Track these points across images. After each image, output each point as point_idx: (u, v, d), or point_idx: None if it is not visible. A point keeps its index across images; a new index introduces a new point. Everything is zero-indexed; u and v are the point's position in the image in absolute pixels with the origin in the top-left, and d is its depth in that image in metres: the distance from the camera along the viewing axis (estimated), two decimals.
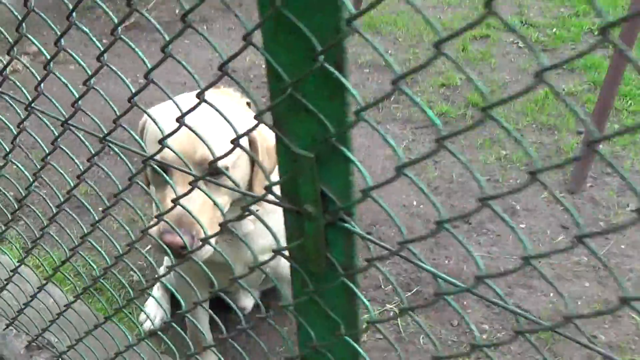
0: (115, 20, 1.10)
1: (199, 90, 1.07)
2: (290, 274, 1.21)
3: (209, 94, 1.89)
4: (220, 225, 1.21)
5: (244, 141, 1.77)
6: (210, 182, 1.27)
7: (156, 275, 2.30)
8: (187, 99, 1.79)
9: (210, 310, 1.59)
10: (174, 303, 2.76)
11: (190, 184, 1.21)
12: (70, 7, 1.16)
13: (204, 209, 1.61)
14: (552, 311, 2.67)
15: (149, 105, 1.69)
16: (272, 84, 1.00)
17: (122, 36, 1.12)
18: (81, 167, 1.41)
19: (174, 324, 1.55)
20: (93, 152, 1.35)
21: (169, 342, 1.67)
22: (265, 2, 0.93)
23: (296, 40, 0.92)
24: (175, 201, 1.25)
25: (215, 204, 1.25)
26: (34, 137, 1.45)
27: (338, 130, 0.96)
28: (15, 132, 1.50)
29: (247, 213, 1.90)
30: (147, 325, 2.67)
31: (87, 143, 1.36)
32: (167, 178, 1.31)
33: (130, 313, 2.68)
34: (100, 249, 1.58)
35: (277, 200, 1.11)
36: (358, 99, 0.90)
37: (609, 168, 3.52)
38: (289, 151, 1.04)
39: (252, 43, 0.94)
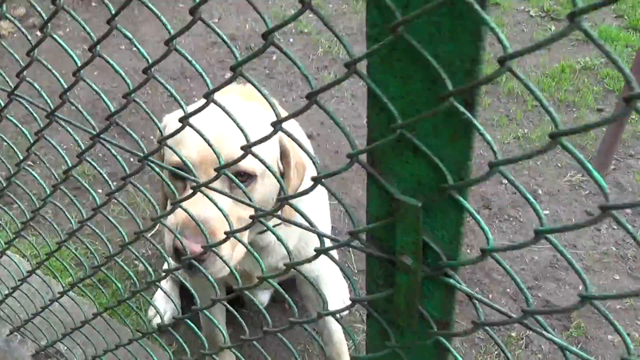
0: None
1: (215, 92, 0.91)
2: (367, 322, 1.06)
3: (236, 98, 1.71)
4: (286, 266, 1.04)
5: (276, 150, 1.59)
6: (229, 177, 1.06)
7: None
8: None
9: (229, 306, 1.41)
10: (185, 295, 2.60)
11: (215, 169, 1.02)
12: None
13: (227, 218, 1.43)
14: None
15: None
16: (373, 117, 0.82)
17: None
18: (112, 185, 1.23)
19: (188, 321, 1.37)
20: (128, 172, 1.17)
21: (181, 340, 1.50)
22: (376, 20, 0.75)
23: (415, 70, 0.75)
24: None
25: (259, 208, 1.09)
26: (57, 149, 1.26)
27: (458, 178, 0.79)
28: (31, 140, 1.30)
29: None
30: (157, 321, 2.51)
31: (121, 160, 1.18)
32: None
33: (138, 307, 2.52)
34: (129, 270, 1.40)
35: (363, 246, 0.94)
36: (494, 146, 0.72)
37: (632, 149, 3.39)
38: (383, 193, 0.87)
39: (356, 71, 0.76)
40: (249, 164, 1.46)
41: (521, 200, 3.08)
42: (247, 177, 1.50)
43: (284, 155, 1.57)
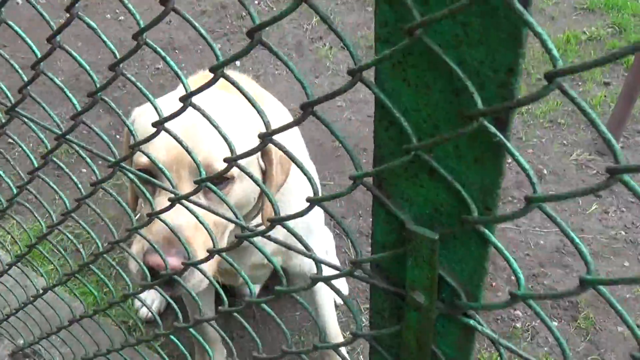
0: None
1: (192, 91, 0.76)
2: (370, 357, 0.93)
3: (216, 90, 1.55)
4: (279, 292, 0.91)
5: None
6: (212, 190, 0.91)
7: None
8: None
9: (218, 329, 1.26)
10: None
11: (195, 182, 0.89)
12: None
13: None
14: (591, 295, 2.43)
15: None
16: (381, 131, 0.68)
17: None
18: (83, 190, 1.10)
19: (172, 337, 1.24)
20: (99, 177, 1.03)
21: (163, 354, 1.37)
22: (388, 18, 0.60)
23: (434, 78, 0.61)
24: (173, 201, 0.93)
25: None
26: (22, 147, 1.12)
27: (483, 206, 0.65)
28: None
29: (257, 223, 1.61)
30: (144, 312, 2.38)
31: (91, 162, 1.03)
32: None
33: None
34: (105, 279, 1.27)
35: (366, 276, 0.81)
36: (532, 177, 0.58)
37: None
38: (392, 219, 0.74)
39: (362, 80, 0.62)
40: (224, 165, 1.31)
41: (526, 181, 2.94)
42: (223, 180, 1.35)
43: (265, 152, 1.41)
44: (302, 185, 1.65)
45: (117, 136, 3.17)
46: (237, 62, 3.79)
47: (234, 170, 1.31)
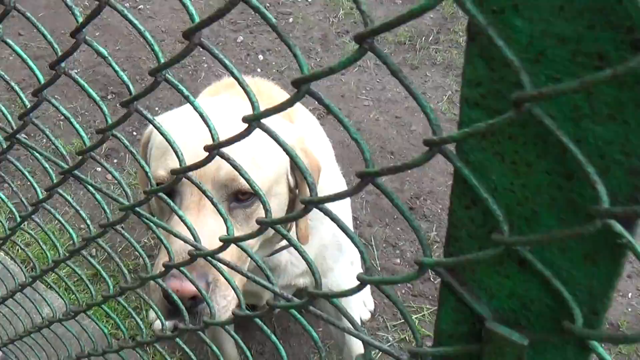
0: None
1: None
2: None
3: (240, 102, 1.42)
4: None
5: (285, 162, 1.30)
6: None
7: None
8: (205, 106, 1.32)
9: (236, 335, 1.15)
10: None
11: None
12: None
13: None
14: (633, 317, 2.28)
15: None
16: (459, 210, 0.54)
17: None
18: (92, 229, 0.97)
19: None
20: (109, 220, 0.90)
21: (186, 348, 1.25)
22: (481, 77, 0.47)
23: (538, 155, 0.47)
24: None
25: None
26: (25, 174, 0.99)
27: (589, 311, 0.52)
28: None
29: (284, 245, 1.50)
30: (158, 325, 2.26)
31: (102, 202, 0.90)
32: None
33: (136, 309, 2.28)
34: (119, 321, 1.15)
35: None
36: None
37: None
38: (464, 308, 0.60)
39: (442, 152, 0.48)
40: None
41: None
42: (250, 196, 1.24)
43: (295, 167, 1.30)
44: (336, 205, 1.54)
45: (135, 133, 3.04)
46: (260, 57, 3.65)
47: (263, 188, 1.20)
